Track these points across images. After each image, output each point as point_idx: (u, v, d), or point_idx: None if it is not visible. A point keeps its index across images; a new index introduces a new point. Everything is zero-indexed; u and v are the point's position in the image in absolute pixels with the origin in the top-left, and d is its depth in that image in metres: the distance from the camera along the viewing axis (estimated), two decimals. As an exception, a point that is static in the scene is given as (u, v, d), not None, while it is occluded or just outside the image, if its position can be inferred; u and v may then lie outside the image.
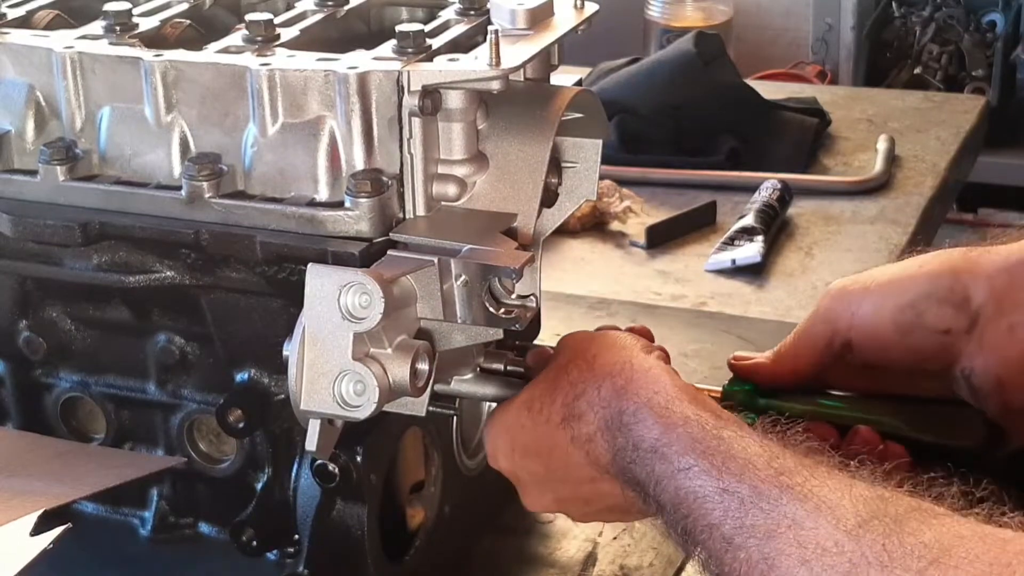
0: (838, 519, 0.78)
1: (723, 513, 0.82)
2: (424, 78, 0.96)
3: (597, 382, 0.92)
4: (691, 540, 0.84)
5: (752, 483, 0.82)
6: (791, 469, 0.83)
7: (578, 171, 1.08)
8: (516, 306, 0.93)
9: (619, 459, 0.90)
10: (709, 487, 0.83)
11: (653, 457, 0.87)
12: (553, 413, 0.94)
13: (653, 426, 0.88)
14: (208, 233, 1.00)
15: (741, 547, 0.80)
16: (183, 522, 1.14)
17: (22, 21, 1.12)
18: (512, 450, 0.98)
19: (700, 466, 0.85)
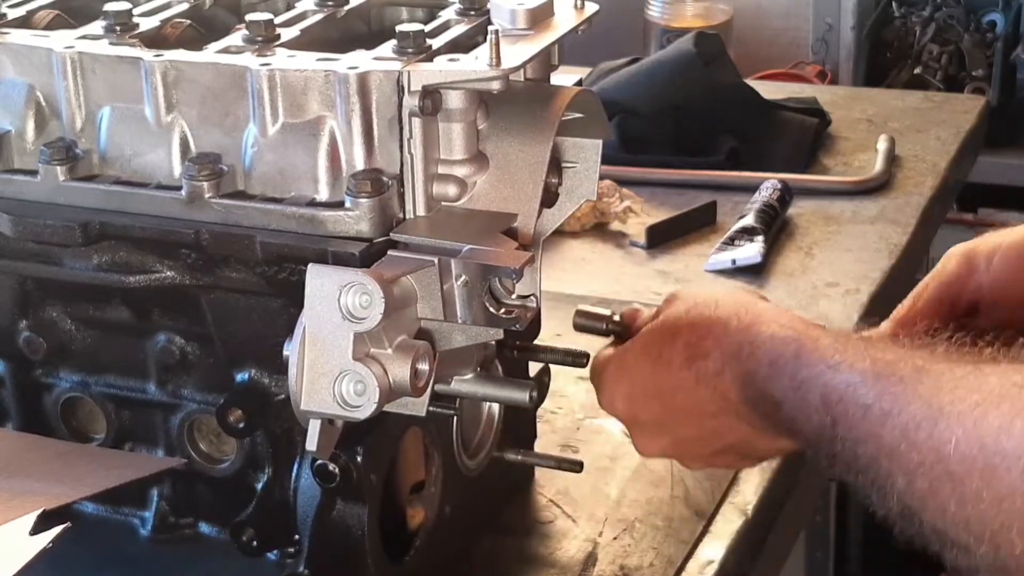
0: (1010, 378, 0.77)
1: (880, 392, 0.82)
2: (424, 78, 0.96)
3: (723, 322, 0.97)
4: (841, 430, 0.84)
5: (911, 366, 0.82)
6: (952, 356, 0.83)
7: (578, 171, 1.08)
8: (516, 306, 0.94)
9: (751, 385, 0.93)
10: (864, 374, 0.84)
11: (795, 365, 0.89)
12: (675, 355, 0.98)
13: (792, 342, 0.90)
14: (208, 233, 1.00)
15: (902, 412, 0.80)
16: (183, 522, 1.14)
17: (22, 21, 1.12)
18: (631, 394, 1.02)
19: (850, 362, 0.85)
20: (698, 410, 0.98)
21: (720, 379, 0.95)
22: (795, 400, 0.89)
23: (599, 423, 1.33)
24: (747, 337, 0.94)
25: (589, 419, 1.34)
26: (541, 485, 1.24)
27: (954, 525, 0.77)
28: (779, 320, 0.95)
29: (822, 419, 0.86)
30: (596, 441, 1.30)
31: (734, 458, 1.05)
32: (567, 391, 1.37)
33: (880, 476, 0.82)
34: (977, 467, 0.75)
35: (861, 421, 0.83)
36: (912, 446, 0.79)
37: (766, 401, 0.92)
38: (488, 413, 1.15)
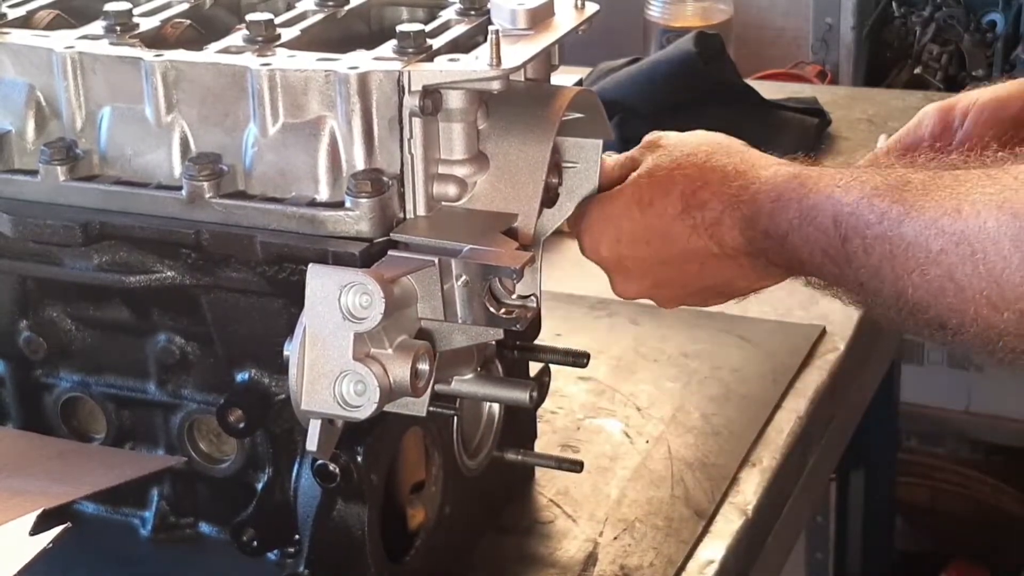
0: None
1: (895, 198, 0.85)
2: (425, 78, 0.96)
3: (719, 170, 0.98)
4: (853, 243, 0.87)
5: (925, 177, 0.85)
6: (959, 170, 0.85)
7: (579, 171, 1.08)
8: (516, 306, 0.94)
9: (752, 226, 0.95)
10: (877, 188, 0.86)
11: (801, 193, 0.91)
12: (668, 206, 1.00)
13: (795, 179, 0.93)
14: (208, 233, 1.00)
15: (922, 208, 0.82)
16: (183, 522, 1.14)
17: (22, 21, 1.12)
18: (617, 240, 1.03)
19: (859, 182, 0.87)
20: (688, 256, 1.00)
21: (718, 227, 0.98)
22: (802, 228, 0.91)
23: (599, 423, 1.33)
24: (746, 182, 0.96)
25: (589, 419, 1.34)
26: (541, 485, 1.24)
27: (975, 303, 0.81)
28: (776, 162, 0.97)
29: (831, 240, 0.89)
30: (596, 441, 1.30)
31: (711, 296, 1.07)
32: (567, 391, 1.37)
33: (894, 274, 0.85)
34: (1008, 236, 0.78)
35: (876, 226, 0.85)
36: (936, 234, 0.82)
37: (769, 238, 0.94)
38: (488, 413, 1.15)
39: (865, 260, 0.87)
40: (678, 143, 1.04)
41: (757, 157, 1.00)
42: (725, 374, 1.41)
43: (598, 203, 1.05)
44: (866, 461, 2.09)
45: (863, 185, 0.88)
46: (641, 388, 1.39)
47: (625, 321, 1.52)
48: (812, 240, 0.91)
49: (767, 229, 0.94)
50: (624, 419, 1.33)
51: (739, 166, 0.98)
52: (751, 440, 1.30)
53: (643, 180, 1.03)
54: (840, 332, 1.49)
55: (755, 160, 0.99)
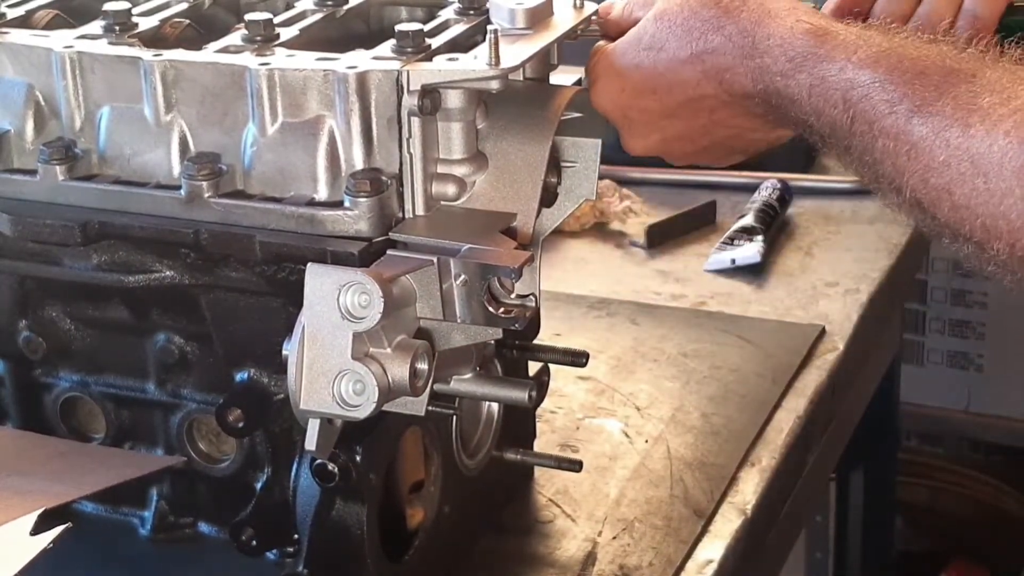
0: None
1: (908, 90, 0.82)
2: (423, 78, 0.96)
3: (732, 17, 0.93)
4: (860, 127, 0.84)
5: (942, 64, 0.82)
6: (984, 58, 0.83)
7: (578, 171, 1.08)
8: (515, 306, 0.94)
9: (764, 79, 0.91)
10: (892, 72, 0.83)
11: (815, 60, 0.88)
12: (679, 50, 0.95)
13: (812, 38, 0.89)
14: (207, 233, 1.00)
15: (935, 112, 0.80)
16: (183, 522, 1.14)
17: (22, 21, 1.12)
18: (622, 90, 1.00)
19: (875, 58, 0.84)
20: (696, 105, 0.97)
21: (729, 73, 0.94)
22: (813, 97, 0.88)
23: (598, 423, 1.33)
24: (762, 30, 0.92)
25: (589, 419, 1.34)
26: (541, 485, 1.24)
27: (970, 221, 0.80)
28: (793, 12, 0.92)
29: (840, 117, 0.86)
30: (595, 441, 1.30)
31: (723, 153, 1.03)
32: (566, 391, 1.37)
33: (895, 171, 0.84)
34: (1012, 166, 0.77)
35: (885, 116, 0.83)
36: (942, 144, 0.80)
37: (780, 96, 0.91)
38: (487, 412, 1.15)
39: (870, 147, 0.85)
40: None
41: (772, 4, 0.94)
42: (724, 374, 1.41)
43: (606, 51, 1.01)
44: (866, 461, 2.09)
45: (878, 63, 0.85)
46: (640, 388, 1.39)
47: (625, 321, 1.52)
48: (821, 111, 0.88)
49: (779, 88, 0.91)
50: (623, 419, 1.33)
51: (755, 12, 0.93)
52: (750, 440, 1.30)
53: (650, 24, 0.98)
54: (840, 332, 1.49)
55: (772, 6, 0.93)
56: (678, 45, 0.96)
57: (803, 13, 0.92)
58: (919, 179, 0.82)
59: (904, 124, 0.82)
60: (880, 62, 0.85)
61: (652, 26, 0.98)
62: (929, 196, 0.82)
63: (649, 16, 0.99)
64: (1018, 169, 0.77)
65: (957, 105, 0.81)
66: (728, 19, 0.94)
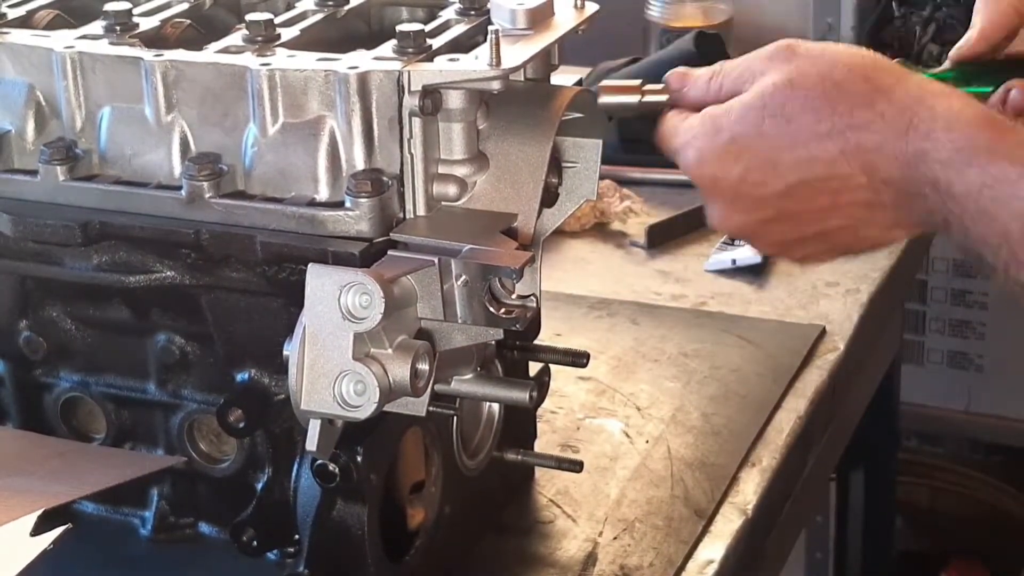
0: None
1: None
2: (424, 78, 0.96)
3: (885, 92, 0.84)
4: (1015, 254, 0.77)
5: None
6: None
7: (578, 171, 1.08)
8: (516, 306, 0.94)
9: (921, 164, 0.81)
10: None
11: (988, 158, 0.79)
12: (817, 123, 0.85)
13: (983, 127, 0.80)
14: (208, 233, 1.00)
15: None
16: (183, 522, 1.14)
17: (22, 21, 1.12)
18: (737, 160, 0.88)
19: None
20: (822, 185, 0.86)
21: (875, 154, 0.83)
22: (983, 199, 0.79)
23: (599, 423, 1.33)
24: (924, 110, 0.82)
25: (589, 419, 1.34)
26: (541, 485, 1.24)
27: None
28: (956, 95, 0.83)
29: (1014, 230, 0.78)
30: (596, 441, 1.30)
31: (824, 247, 0.91)
32: (567, 391, 1.37)
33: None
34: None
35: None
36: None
37: (937, 188, 0.81)
38: (488, 413, 1.15)
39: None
40: (825, 52, 0.88)
41: (925, 82, 0.85)
42: (725, 374, 1.41)
43: (710, 112, 0.90)
44: (866, 461, 2.09)
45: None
46: (641, 388, 1.39)
47: (625, 321, 1.52)
48: (993, 217, 0.78)
49: (938, 178, 0.81)
50: (624, 419, 1.33)
51: (914, 90, 0.83)
52: (751, 440, 1.29)
53: (778, 91, 0.87)
54: (840, 332, 1.49)
55: (924, 86, 0.84)
56: (815, 118, 0.85)
57: (963, 97, 0.83)
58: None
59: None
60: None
61: (781, 93, 0.87)
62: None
63: (772, 82, 0.88)
64: None
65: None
66: (881, 96, 0.84)
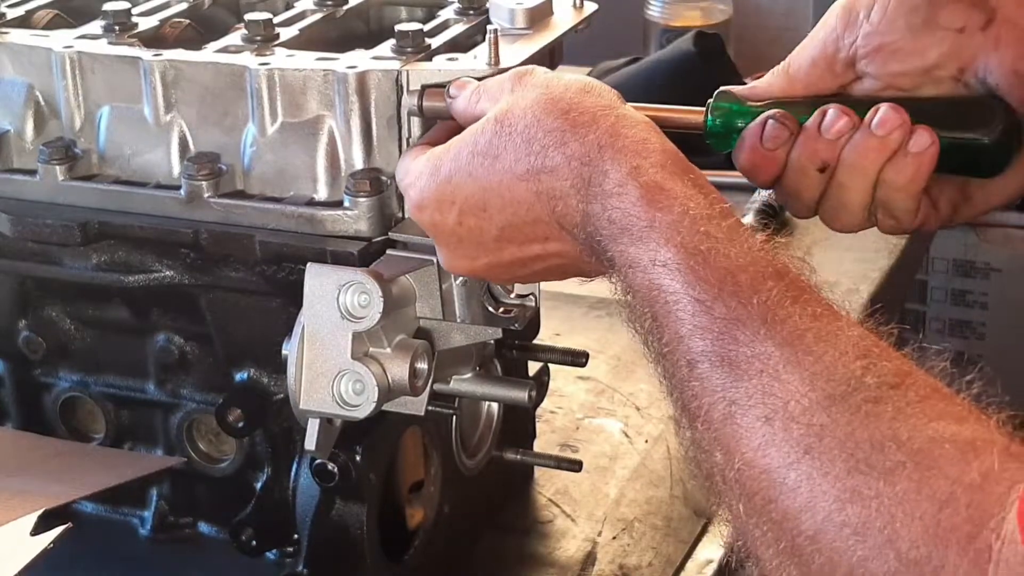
0: (814, 379, 0.69)
1: (693, 328, 0.73)
2: (423, 77, 0.96)
3: (577, 133, 0.81)
4: (654, 343, 0.75)
5: (732, 304, 0.72)
6: (779, 298, 0.73)
7: (577, 170, 1.08)
8: (515, 305, 0.94)
9: (590, 224, 0.79)
10: (685, 294, 0.73)
11: (629, 239, 0.77)
12: (516, 163, 0.82)
13: (636, 202, 0.77)
14: (207, 233, 1.00)
15: (704, 377, 0.72)
16: (183, 522, 1.14)
17: (21, 21, 1.12)
18: (451, 202, 0.86)
19: (679, 265, 0.74)
20: (529, 231, 0.84)
21: (562, 203, 0.81)
22: (624, 274, 0.77)
23: (599, 423, 1.33)
24: (600, 166, 0.79)
25: (588, 419, 1.34)
26: (540, 484, 1.24)
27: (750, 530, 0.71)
28: (639, 148, 0.80)
29: (642, 312, 0.76)
30: (595, 441, 1.30)
31: (554, 276, 0.90)
32: (566, 390, 1.37)
33: (684, 413, 0.74)
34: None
35: (670, 353, 0.74)
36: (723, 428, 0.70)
37: (603, 255, 0.79)
38: (487, 412, 1.15)
39: (670, 367, 0.75)
40: (545, 82, 0.85)
41: (620, 124, 0.81)
42: (724, 374, 1.41)
43: (433, 152, 0.88)
44: (866, 461, 2.09)
45: (684, 274, 0.74)
46: (640, 388, 1.39)
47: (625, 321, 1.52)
48: (632, 293, 0.77)
49: (600, 243, 0.79)
50: (623, 419, 1.33)
51: (603, 135, 0.80)
52: (750, 440, 1.29)
53: (490, 126, 0.84)
54: (840, 332, 1.48)
55: (623, 131, 0.81)
56: (515, 157, 0.82)
57: (650, 152, 0.80)
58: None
59: (687, 369, 0.73)
60: (687, 276, 0.74)
61: (491, 129, 0.84)
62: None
63: (490, 116, 0.85)
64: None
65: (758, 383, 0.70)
66: (573, 135, 0.81)
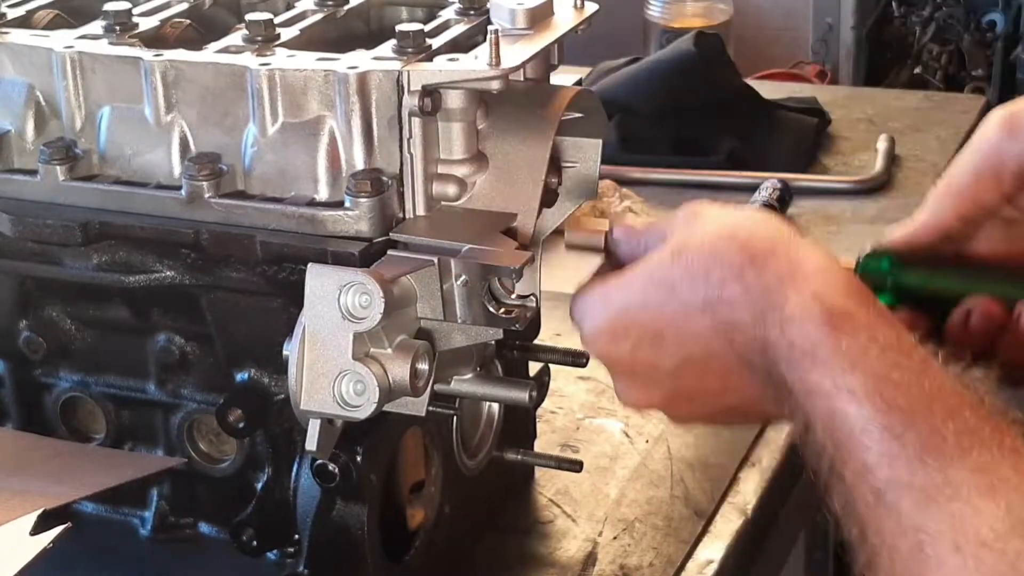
0: (1010, 507, 0.68)
1: (879, 458, 0.71)
2: (424, 78, 0.96)
3: (757, 264, 0.80)
4: (834, 472, 0.73)
5: (923, 433, 0.71)
6: (973, 428, 0.71)
7: (578, 171, 1.08)
8: (516, 306, 0.94)
9: (769, 351, 0.78)
10: (872, 422, 0.72)
11: (811, 363, 0.75)
12: (692, 294, 0.82)
13: (820, 326, 0.75)
14: (208, 233, 1.00)
15: (891, 506, 0.70)
16: (183, 522, 1.14)
17: (22, 21, 1.12)
18: (626, 335, 0.86)
19: (866, 391, 0.73)
20: (706, 365, 0.83)
21: (740, 334, 0.80)
22: (803, 402, 0.76)
23: (599, 423, 1.33)
24: (780, 294, 0.78)
25: (589, 419, 1.34)
26: (541, 485, 1.24)
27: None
28: (821, 277, 0.78)
29: (822, 442, 0.75)
30: (596, 441, 1.30)
31: (734, 417, 0.90)
32: (567, 391, 1.37)
33: (863, 544, 0.73)
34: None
35: (855, 482, 0.72)
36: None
37: (782, 383, 0.78)
38: (488, 413, 1.15)
39: (845, 500, 0.73)
40: (720, 217, 0.85)
41: (799, 257, 0.80)
42: (725, 374, 1.41)
43: (606, 284, 0.88)
44: (866, 461, 2.09)
45: (862, 403, 0.73)
46: (641, 388, 1.38)
47: (625, 321, 1.52)
48: (809, 425, 0.76)
49: (783, 377, 0.77)
50: (624, 419, 1.33)
51: (783, 267, 0.79)
52: (751, 440, 1.29)
53: (666, 259, 0.84)
54: (840, 332, 1.48)
55: (803, 263, 0.80)
56: (692, 288, 0.82)
57: (832, 279, 0.78)
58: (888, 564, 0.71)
59: (873, 498, 0.72)
60: (875, 403, 0.73)
61: (668, 262, 0.84)
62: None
63: (665, 250, 0.85)
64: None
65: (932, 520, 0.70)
66: (752, 268, 0.80)
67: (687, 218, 0.86)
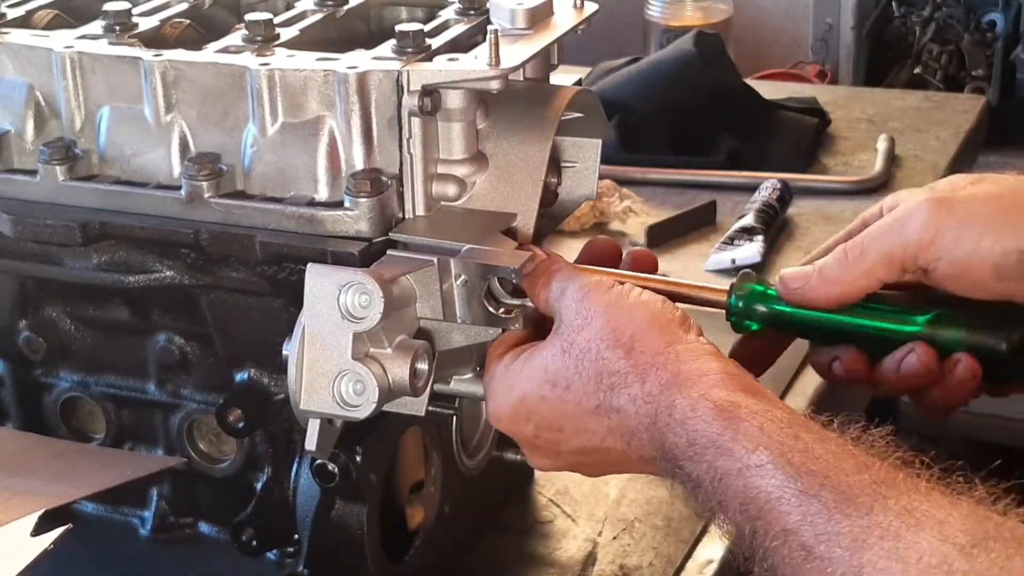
0: (945, 535, 0.70)
1: (802, 518, 0.73)
2: (424, 78, 0.96)
3: (639, 376, 0.83)
4: (759, 544, 0.75)
5: (839, 488, 0.73)
6: (886, 478, 0.74)
7: (578, 171, 1.08)
8: (515, 306, 0.93)
9: (668, 454, 0.81)
10: (786, 488, 0.74)
11: (715, 453, 0.78)
12: (586, 398, 0.86)
13: (714, 421, 0.79)
14: (208, 233, 1.00)
15: (824, 556, 0.71)
16: (183, 522, 1.14)
17: (22, 21, 1.12)
18: (527, 420, 0.89)
19: (775, 463, 0.75)
20: (605, 455, 0.87)
21: (635, 438, 0.84)
22: (714, 488, 0.78)
23: (599, 423, 1.33)
24: (667, 402, 0.81)
25: (589, 419, 1.33)
26: (541, 485, 1.24)
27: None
28: (704, 378, 0.82)
29: (742, 520, 0.76)
30: (596, 441, 1.30)
31: (641, 471, 0.91)
32: (567, 391, 1.37)
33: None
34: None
35: (780, 548, 0.74)
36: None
37: (687, 478, 0.80)
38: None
39: (772, 568, 0.75)
40: (605, 311, 0.87)
41: (681, 360, 0.83)
42: (725, 374, 1.41)
43: (510, 367, 0.91)
44: (866, 461, 2.09)
45: (775, 472, 0.75)
46: (641, 388, 1.38)
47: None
48: (724, 509, 0.78)
49: (683, 468, 0.80)
50: (624, 419, 1.33)
51: (665, 373, 0.83)
52: (751, 440, 1.29)
53: (557, 357, 0.87)
54: (840, 332, 1.48)
55: (684, 366, 0.83)
56: (584, 392, 0.86)
57: (715, 378, 0.82)
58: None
59: (804, 555, 0.73)
60: (778, 467, 0.75)
61: (559, 360, 0.87)
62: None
63: (556, 343, 0.88)
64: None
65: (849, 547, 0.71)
66: (635, 376, 0.83)
67: (577, 298, 0.88)
